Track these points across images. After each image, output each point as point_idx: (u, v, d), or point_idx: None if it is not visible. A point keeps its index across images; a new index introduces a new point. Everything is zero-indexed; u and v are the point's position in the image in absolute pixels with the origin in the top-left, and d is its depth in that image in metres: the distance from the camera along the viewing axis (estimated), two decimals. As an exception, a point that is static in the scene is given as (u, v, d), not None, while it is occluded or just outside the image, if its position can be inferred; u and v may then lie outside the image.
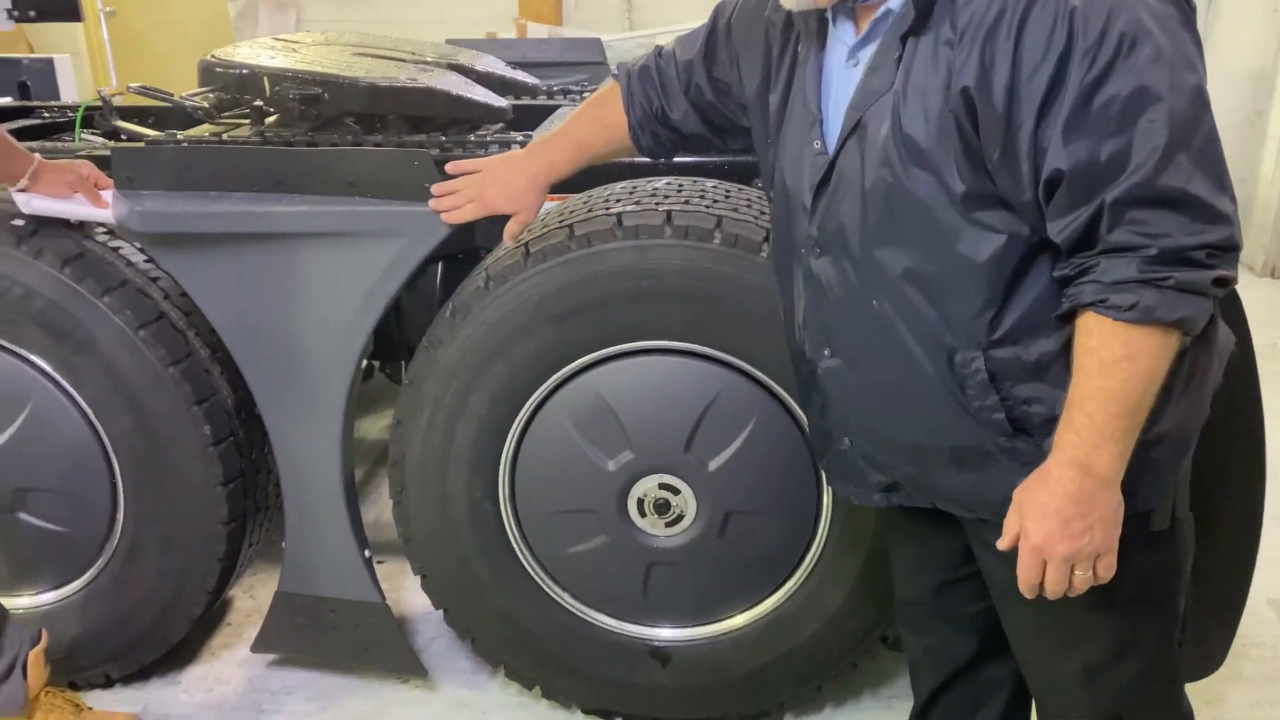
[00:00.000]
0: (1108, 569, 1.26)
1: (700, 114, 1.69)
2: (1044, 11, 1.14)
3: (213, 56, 2.60)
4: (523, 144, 2.35)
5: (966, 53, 1.18)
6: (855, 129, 1.31)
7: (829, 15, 1.36)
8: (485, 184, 1.81)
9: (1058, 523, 1.22)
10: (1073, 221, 1.17)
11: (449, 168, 1.87)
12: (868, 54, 1.31)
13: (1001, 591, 1.47)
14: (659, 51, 1.72)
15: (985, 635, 1.65)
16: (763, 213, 1.99)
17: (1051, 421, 1.26)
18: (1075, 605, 1.31)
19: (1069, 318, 1.23)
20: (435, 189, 1.86)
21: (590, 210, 1.99)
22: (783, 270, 1.54)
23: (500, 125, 2.72)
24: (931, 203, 1.25)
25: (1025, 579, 1.27)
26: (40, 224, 2.05)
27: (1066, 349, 1.24)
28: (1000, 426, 1.32)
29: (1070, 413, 1.21)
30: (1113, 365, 1.17)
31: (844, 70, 1.36)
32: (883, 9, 1.29)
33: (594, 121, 1.78)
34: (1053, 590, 1.26)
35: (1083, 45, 1.12)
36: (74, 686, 2.29)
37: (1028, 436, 1.31)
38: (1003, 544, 1.29)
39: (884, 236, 1.31)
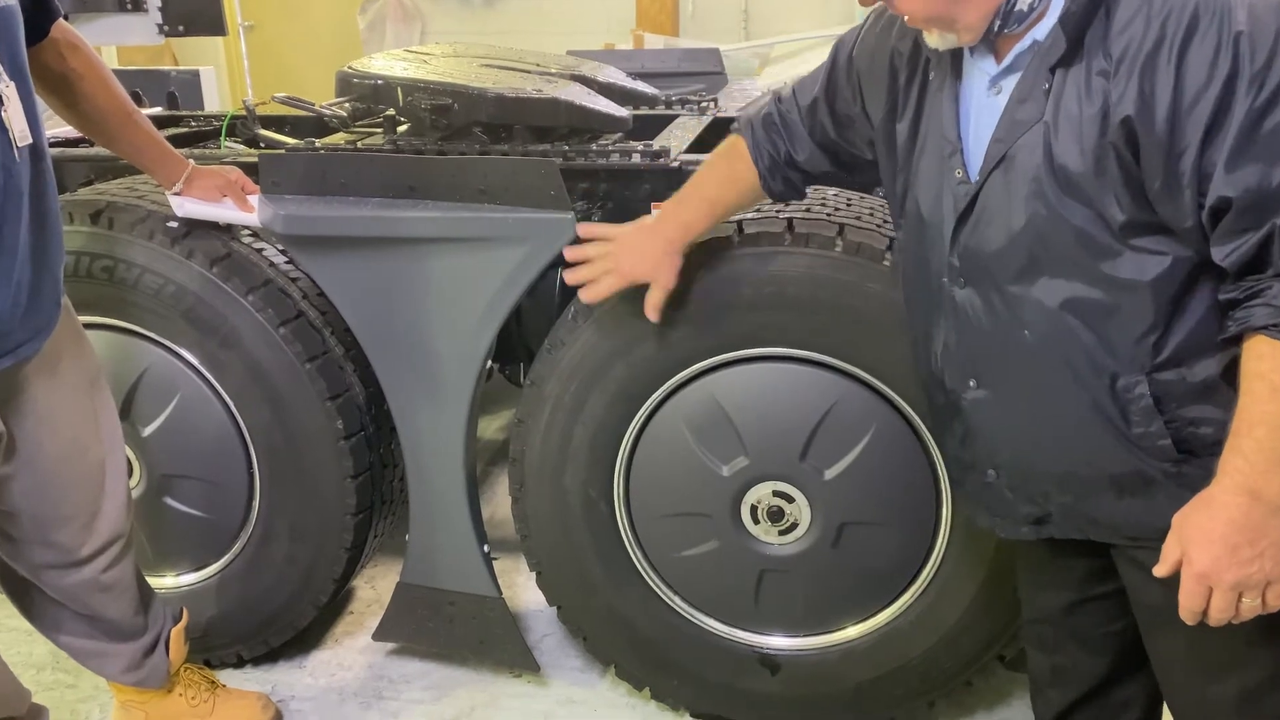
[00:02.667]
0: (1279, 597, 1.22)
1: (826, 152, 1.68)
2: (1206, 37, 1.13)
3: (349, 68, 2.72)
4: (642, 153, 2.40)
5: (1125, 82, 1.17)
6: (1001, 161, 1.29)
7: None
8: (620, 254, 1.80)
9: (1225, 550, 1.19)
10: (1240, 246, 1.16)
11: (581, 231, 1.88)
12: (1011, 83, 1.30)
13: (1152, 615, 1.43)
14: (778, 97, 1.72)
15: (1118, 655, 1.61)
16: (885, 221, 1.98)
17: (1220, 444, 1.22)
18: (1235, 630, 1.26)
19: (1234, 340, 1.20)
20: (569, 256, 1.87)
21: (711, 218, 2.01)
22: (915, 297, 1.52)
23: (620, 135, 2.76)
24: (1089, 232, 1.24)
25: (1188, 607, 1.24)
26: (192, 226, 2.18)
27: (1232, 369, 1.21)
28: (1165, 452, 1.29)
29: (1237, 438, 1.18)
30: None
31: (985, 98, 1.34)
32: (1027, 39, 1.27)
33: (723, 177, 1.75)
34: (1217, 619, 1.23)
35: (1250, 70, 1.11)
36: (209, 664, 2.41)
37: (1195, 459, 1.28)
38: (1161, 570, 1.26)
39: (1038, 268, 1.30)
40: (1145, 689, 1.61)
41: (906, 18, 1.32)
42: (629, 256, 1.79)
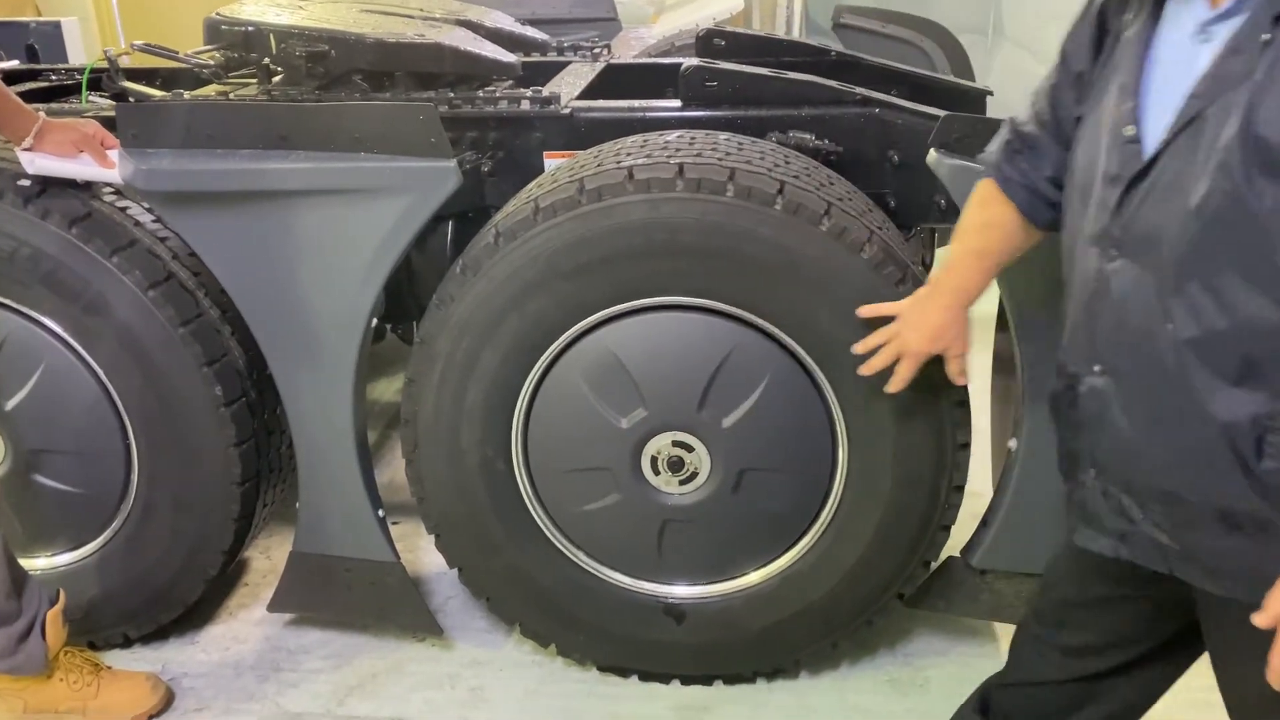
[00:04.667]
0: None
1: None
2: None
3: (218, 14, 2.57)
4: (532, 100, 2.32)
5: None
6: (1191, 122, 1.11)
7: None
8: (907, 335, 1.69)
9: None
10: None
11: (863, 312, 1.79)
12: (1224, 31, 1.11)
13: (1227, 645, 1.30)
14: (1013, 124, 1.50)
15: (1140, 652, 1.47)
16: (776, 165, 1.95)
17: None
18: None
19: None
20: (859, 348, 1.75)
21: (601, 164, 1.96)
22: (1068, 263, 1.34)
23: (509, 82, 2.68)
24: (1276, 226, 1.06)
25: (1277, 668, 1.10)
26: (47, 184, 2.04)
27: None
28: None
29: None
30: None
31: (1186, 46, 1.15)
32: None
33: (983, 226, 1.55)
34: None
35: None
36: (93, 646, 2.31)
37: None
38: (1261, 620, 1.11)
39: (1204, 255, 1.11)
40: (1139, 681, 1.49)
41: None
42: (915, 335, 1.68)
